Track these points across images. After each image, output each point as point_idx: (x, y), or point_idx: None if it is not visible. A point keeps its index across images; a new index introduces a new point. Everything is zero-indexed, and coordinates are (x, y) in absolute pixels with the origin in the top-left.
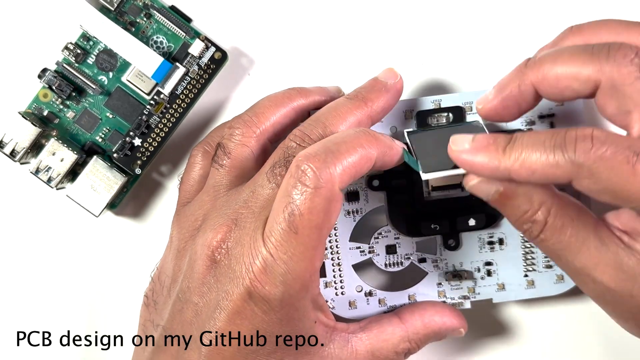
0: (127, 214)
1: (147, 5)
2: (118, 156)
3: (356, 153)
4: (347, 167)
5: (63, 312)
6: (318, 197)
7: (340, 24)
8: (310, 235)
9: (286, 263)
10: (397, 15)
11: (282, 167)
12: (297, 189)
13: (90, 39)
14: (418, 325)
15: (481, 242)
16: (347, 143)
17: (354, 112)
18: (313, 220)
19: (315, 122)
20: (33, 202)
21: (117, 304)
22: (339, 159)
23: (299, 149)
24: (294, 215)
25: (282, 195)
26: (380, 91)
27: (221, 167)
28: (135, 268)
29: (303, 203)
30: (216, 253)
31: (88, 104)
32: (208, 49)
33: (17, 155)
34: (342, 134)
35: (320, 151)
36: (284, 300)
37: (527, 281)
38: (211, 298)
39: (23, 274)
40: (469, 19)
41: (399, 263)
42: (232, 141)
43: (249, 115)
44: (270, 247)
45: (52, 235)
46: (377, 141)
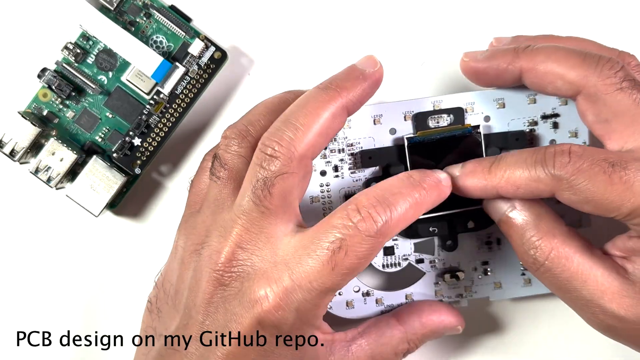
0: (126, 214)
1: (146, 5)
2: (118, 156)
3: (412, 209)
4: (401, 220)
5: (63, 312)
6: (367, 245)
7: (340, 24)
8: (345, 275)
9: (310, 292)
10: (397, 15)
11: (263, 189)
12: (350, 229)
13: (90, 38)
14: (416, 325)
15: (479, 242)
16: (403, 195)
17: (326, 106)
18: (354, 264)
19: (285, 125)
20: (33, 202)
21: (117, 304)
22: (393, 212)
23: (273, 162)
24: (338, 254)
25: (330, 227)
26: (357, 79)
27: (218, 179)
28: (135, 268)
29: (352, 246)
30: (225, 275)
31: (88, 104)
32: (208, 49)
33: (16, 155)
34: (392, 184)
35: (380, 202)
36: (294, 325)
37: (524, 280)
38: (218, 318)
39: (23, 274)
40: (469, 18)
41: (396, 264)
42: (227, 152)
43: (244, 124)
44: (294, 273)
45: (52, 235)
46: (430, 195)
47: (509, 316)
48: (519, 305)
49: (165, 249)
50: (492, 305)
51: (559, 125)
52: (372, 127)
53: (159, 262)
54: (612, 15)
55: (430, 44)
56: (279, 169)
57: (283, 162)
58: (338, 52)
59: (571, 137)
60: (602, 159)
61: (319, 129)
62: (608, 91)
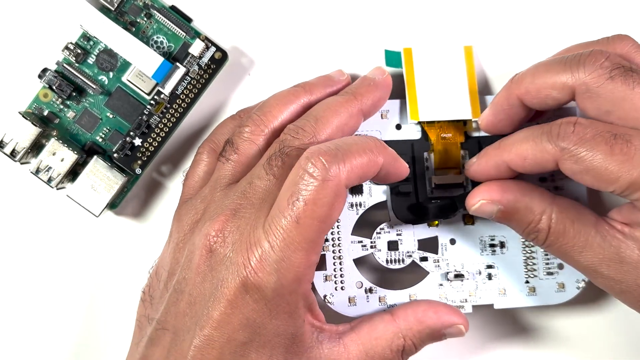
0: (127, 214)
1: (147, 5)
2: (118, 156)
3: (365, 155)
4: (355, 167)
5: (63, 311)
6: (324, 190)
7: (340, 24)
8: (311, 226)
9: (282, 251)
10: (396, 15)
11: (277, 158)
12: (305, 180)
13: (90, 38)
14: (411, 320)
15: (482, 244)
16: (357, 144)
17: (345, 106)
18: (316, 212)
19: (308, 116)
20: (33, 202)
21: (117, 303)
22: (348, 157)
23: (294, 141)
24: (298, 205)
25: (288, 185)
26: (370, 86)
27: (227, 161)
28: (135, 268)
29: (308, 194)
30: (213, 242)
31: (88, 104)
32: (208, 49)
33: (17, 155)
34: (353, 137)
35: (330, 148)
36: (276, 289)
37: (529, 288)
38: (206, 287)
39: (23, 274)
40: (470, 21)
41: (400, 260)
42: (240, 138)
43: (258, 115)
44: (269, 234)
45: (52, 235)
46: (385, 150)
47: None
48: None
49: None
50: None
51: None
52: (379, 121)
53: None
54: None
55: (430, 43)
56: (297, 145)
57: (304, 142)
58: (338, 52)
59: None
60: (606, 130)
61: (337, 123)
62: (599, 83)
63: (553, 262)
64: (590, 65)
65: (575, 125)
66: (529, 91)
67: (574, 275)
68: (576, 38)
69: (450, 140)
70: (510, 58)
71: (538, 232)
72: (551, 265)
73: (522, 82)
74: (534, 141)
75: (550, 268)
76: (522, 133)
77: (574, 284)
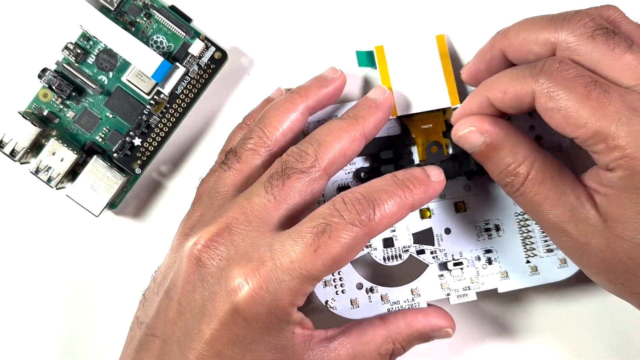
0: (127, 214)
1: (147, 5)
2: (118, 156)
3: (393, 204)
4: (384, 217)
5: (62, 311)
6: (351, 233)
7: (339, 24)
8: (325, 261)
9: (288, 273)
10: (396, 16)
11: (279, 179)
12: (335, 218)
13: (90, 38)
14: (401, 325)
15: (478, 229)
16: (387, 193)
17: (347, 130)
18: (336, 249)
19: (311, 140)
20: (33, 202)
21: (117, 303)
22: (379, 207)
23: (296, 164)
24: (321, 236)
25: (317, 216)
26: (371, 108)
27: (229, 169)
28: (135, 268)
29: (335, 231)
30: (203, 253)
31: (88, 104)
32: (208, 49)
33: (17, 155)
34: (380, 183)
35: (364, 196)
36: (270, 309)
37: (530, 267)
38: (196, 298)
39: (23, 273)
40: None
41: (397, 256)
42: (243, 148)
43: (259, 127)
44: (277, 253)
45: (52, 235)
46: (412, 192)
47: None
48: (510, 306)
49: (165, 249)
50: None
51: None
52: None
53: (159, 262)
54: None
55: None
56: (300, 168)
57: (306, 165)
58: (338, 52)
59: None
60: (588, 75)
61: (339, 148)
62: (579, 42)
63: None
64: (574, 23)
65: (560, 63)
66: (512, 44)
67: None
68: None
69: (432, 131)
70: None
71: (515, 177)
72: (550, 242)
73: (507, 35)
74: (516, 75)
75: (550, 245)
76: (507, 70)
77: None
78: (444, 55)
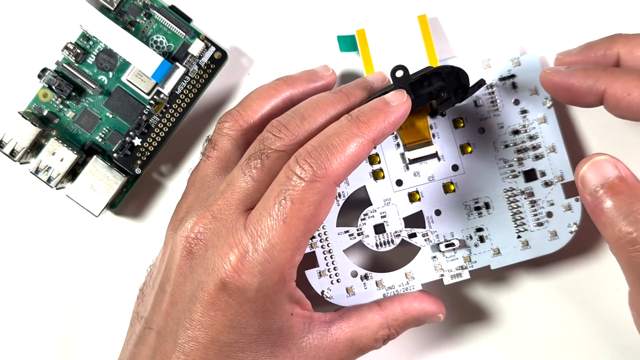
0: (127, 214)
1: (147, 5)
2: (118, 156)
3: (351, 144)
4: (343, 161)
5: (62, 311)
6: (312, 190)
7: (339, 24)
8: (298, 226)
9: (267, 251)
10: (395, 16)
11: (257, 159)
12: (292, 180)
13: (90, 38)
14: (397, 311)
15: (468, 209)
16: (340, 135)
17: (334, 105)
18: (303, 211)
19: (294, 113)
20: (33, 202)
21: (116, 303)
22: (334, 153)
23: (275, 142)
24: (285, 205)
25: (276, 185)
26: (366, 89)
27: (208, 158)
28: (135, 268)
29: (296, 193)
30: (192, 244)
31: (88, 104)
32: (208, 49)
33: (17, 155)
34: (333, 127)
35: (315, 147)
36: (260, 290)
37: (522, 242)
38: (186, 289)
39: (23, 273)
40: (470, 23)
41: (389, 242)
42: (219, 134)
43: (237, 110)
44: (253, 235)
45: (52, 235)
46: (369, 125)
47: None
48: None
49: None
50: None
51: (517, 85)
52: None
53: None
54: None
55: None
56: (278, 146)
57: (284, 142)
58: (337, 52)
59: (532, 95)
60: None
61: (323, 123)
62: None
63: (541, 212)
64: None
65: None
66: (633, 52)
67: (564, 221)
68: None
69: (416, 114)
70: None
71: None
72: (540, 215)
73: (631, 41)
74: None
75: (540, 218)
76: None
77: (566, 230)
78: (427, 35)
